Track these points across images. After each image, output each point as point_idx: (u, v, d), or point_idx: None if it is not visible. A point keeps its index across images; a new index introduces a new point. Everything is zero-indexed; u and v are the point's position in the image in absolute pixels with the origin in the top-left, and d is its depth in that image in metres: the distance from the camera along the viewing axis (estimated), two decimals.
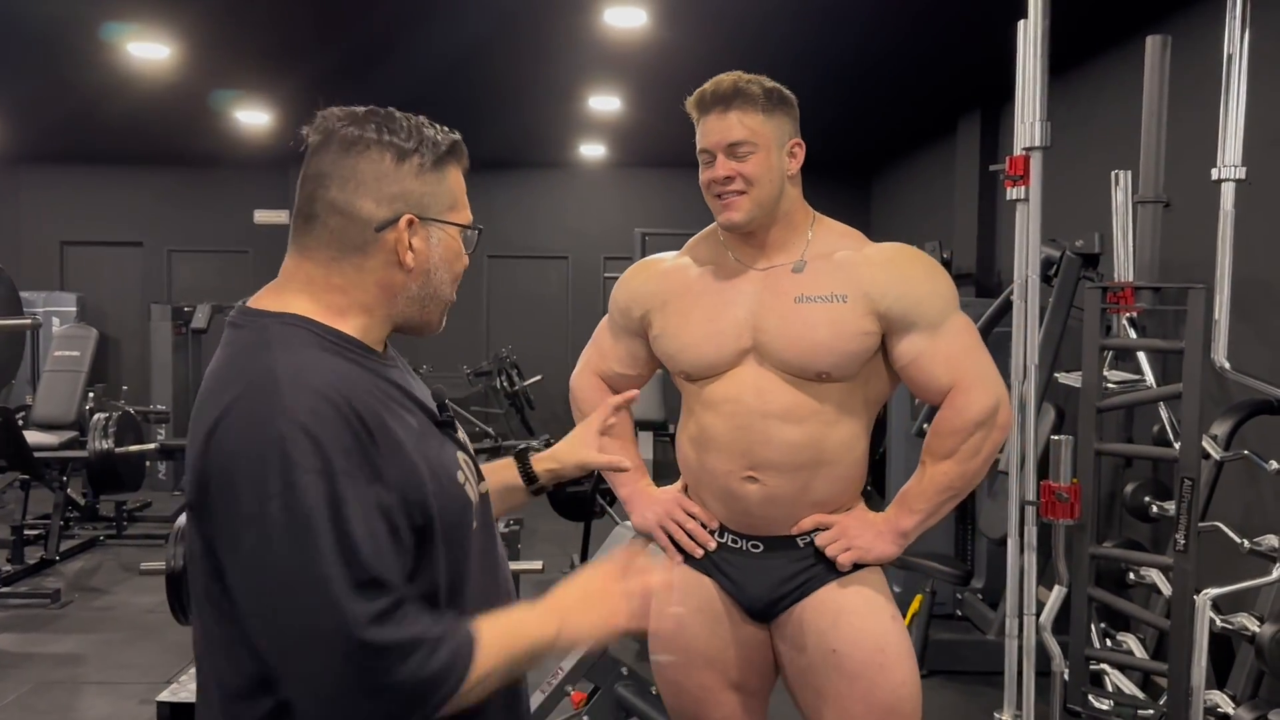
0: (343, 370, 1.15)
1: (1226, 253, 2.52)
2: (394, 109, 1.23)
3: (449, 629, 1.10)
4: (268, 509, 1.04)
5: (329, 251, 1.19)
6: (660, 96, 6.46)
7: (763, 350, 1.84)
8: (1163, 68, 2.88)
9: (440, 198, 1.23)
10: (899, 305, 1.80)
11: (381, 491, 1.10)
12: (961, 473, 1.84)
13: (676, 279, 1.95)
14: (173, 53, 5.47)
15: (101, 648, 4.51)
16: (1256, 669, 3.04)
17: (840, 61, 5.41)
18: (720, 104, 1.81)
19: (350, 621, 1.03)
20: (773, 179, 1.83)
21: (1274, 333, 3.48)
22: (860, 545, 1.84)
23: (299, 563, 1.03)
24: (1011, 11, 2.81)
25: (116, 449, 5.70)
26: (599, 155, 8.78)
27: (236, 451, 1.06)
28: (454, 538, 1.19)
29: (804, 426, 1.83)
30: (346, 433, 1.08)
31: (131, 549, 6.21)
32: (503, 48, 5.37)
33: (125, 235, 9.42)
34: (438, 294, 1.25)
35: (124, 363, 9.29)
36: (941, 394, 1.84)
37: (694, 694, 1.95)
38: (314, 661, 1.04)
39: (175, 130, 7.71)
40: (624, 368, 2.06)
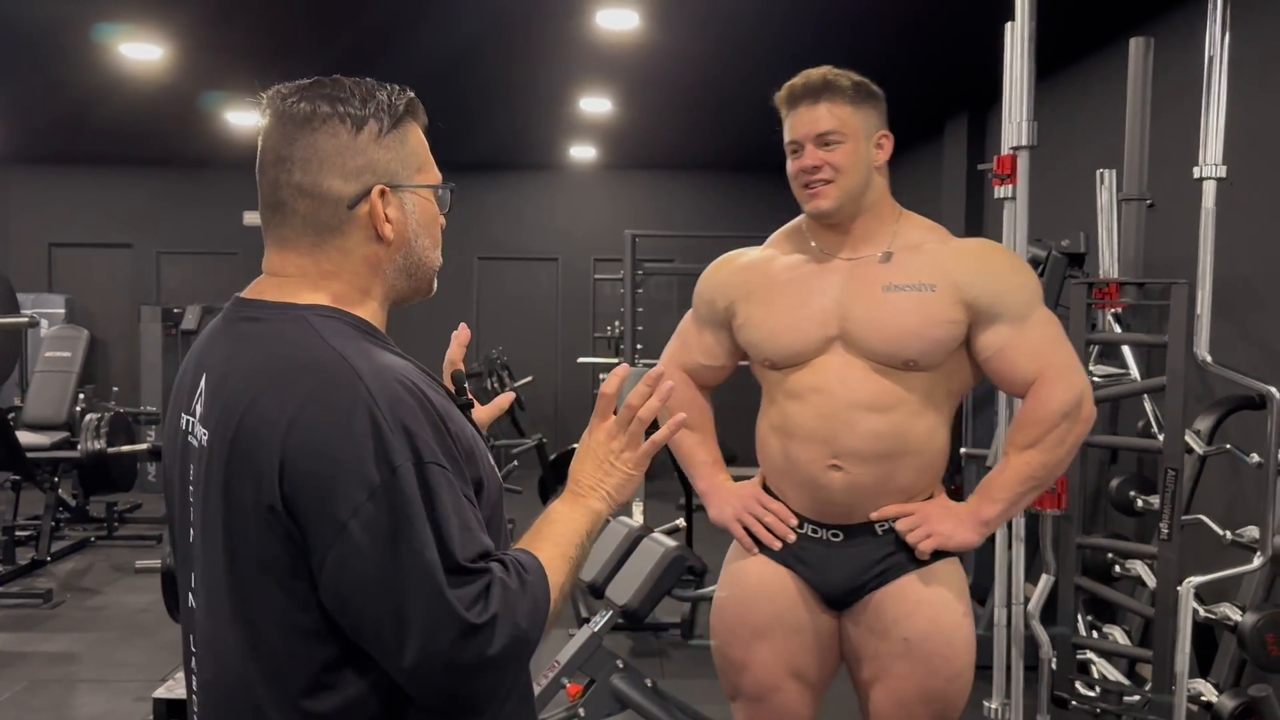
0: (398, 360, 1.13)
1: (1208, 249, 2.58)
2: (339, 76, 1.18)
3: (520, 577, 1.11)
4: (376, 496, 1.02)
5: (307, 238, 1.15)
6: (651, 98, 6.50)
7: (850, 338, 1.87)
8: (1146, 69, 2.94)
9: (406, 161, 1.17)
10: (986, 296, 1.84)
11: (460, 477, 1.09)
12: (1044, 462, 1.86)
13: (761, 270, 1.99)
14: (165, 53, 5.48)
15: (95, 646, 4.53)
16: (1238, 657, 3.10)
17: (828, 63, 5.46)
18: (810, 96, 1.86)
19: (456, 609, 1.03)
20: (860, 169, 1.87)
21: (1254, 328, 3.55)
22: (942, 532, 1.87)
23: (400, 551, 1.02)
24: (999, 15, 2.87)
25: (109, 449, 5.71)
26: (590, 157, 8.81)
27: (330, 439, 1.03)
28: (492, 520, 1.18)
29: (889, 416, 1.86)
30: (427, 421, 1.07)
31: (122, 550, 6.22)
32: (494, 50, 5.41)
33: (114, 237, 9.41)
34: (423, 261, 1.21)
35: (113, 365, 9.27)
36: (1025, 385, 1.87)
37: (757, 675, 1.98)
38: (422, 643, 1.03)
39: (165, 132, 7.71)
40: (708, 359, 2.09)
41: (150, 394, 8.07)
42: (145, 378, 8.22)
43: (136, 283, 9.43)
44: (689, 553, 3.21)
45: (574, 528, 1.22)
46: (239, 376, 1.10)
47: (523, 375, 8.65)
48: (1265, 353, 3.50)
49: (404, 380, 1.08)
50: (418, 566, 1.03)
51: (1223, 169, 2.53)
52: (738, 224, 9.01)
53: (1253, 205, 3.28)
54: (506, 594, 1.08)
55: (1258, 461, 3.08)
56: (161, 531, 6.38)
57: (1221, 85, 2.52)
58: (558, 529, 1.21)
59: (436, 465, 1.05)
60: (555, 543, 1.20)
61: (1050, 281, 3.93)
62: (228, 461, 1.08)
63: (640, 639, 4.66)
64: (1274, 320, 3.52)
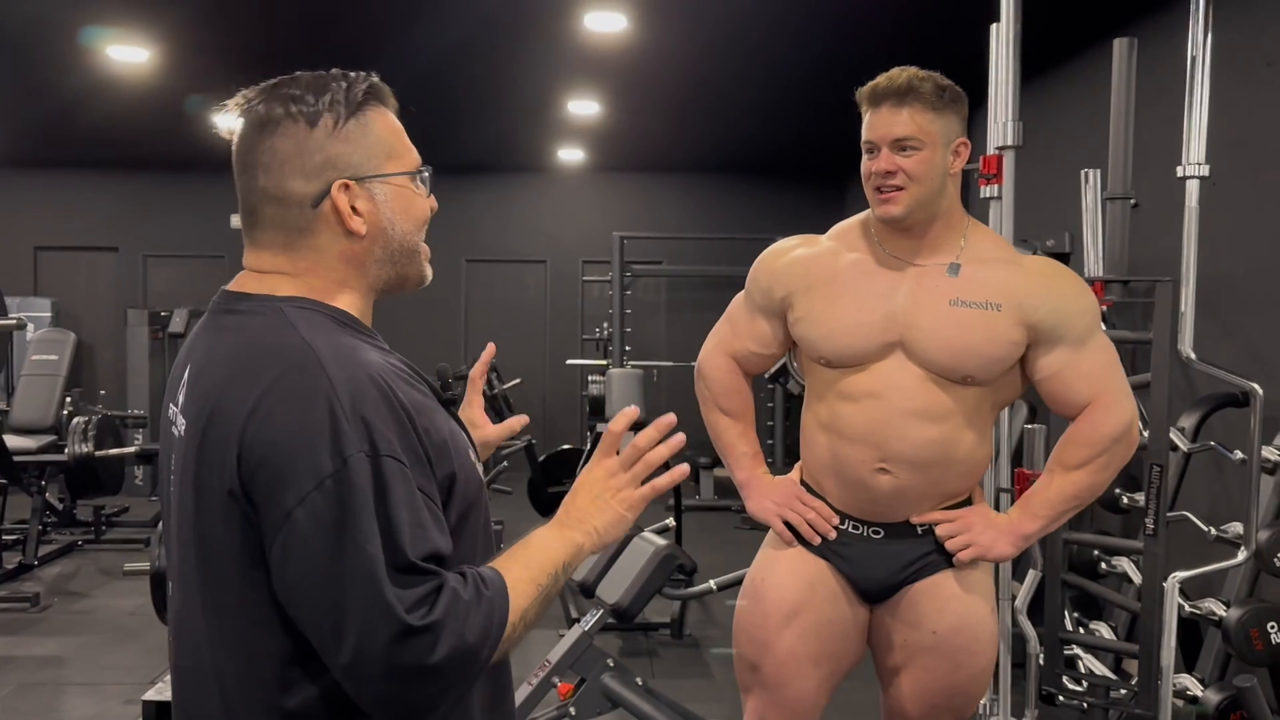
0: (369, 352, 1.12)
1: (1191, 248, 2.60)
2: (299, 71, 1.17)
3: (475, 590, 1.07)
4: (324, 487, 1.01)
5: (279, 239, 1.15)
6: (639, 101, 6.52)
7: (911, 347, 1.87)
8: (1129, 70, 2.97)
9: (371, 150, 1.15)
10: (1051, 319, 1.84)
11: (422, 475, 1.08)
12: (1091, 484, 1.90)
13: (824, 264, 1.96)
14: (152, 56, 5.47)
15: (83, 650, 4.51)
16: (1223, 652, 3.13)
17: (816, 65, 5.49)
18: (893, 98, 1.83)
19: (394, 607, 1.00)
20: (934, 177, 1.85)
21: (1236, 326, 3.59)
22: (982, 544, 1.89)
23: (344, 543, 1.01)
24: (984, 16, 2.89)
25: (96, 453, 5.69)
26: (577, 159, 8.82)
27: (286, 427, 1.03)
28: (469, 516, 1.18)
29: (940, 426, 1.87)
30: (390, 415, 1.06)
31: (110, 553, 6.20)
32: (482, 52, 5.41)
33: (100, 240, 9.37)
34: (406, 246, 1.20)
35: (99, 368, 9.23)
36: (1078, 408, 1.89)
37: (779, 656, 1.99)
38: (358, 641, 1.01)
39: (152, 134, 7.69)
40: (759, 347, 2.07)
41: (137, 397, 8.05)
42: (132, 381, 8.19)
43: (123, 286, 9.40)
44: (679, 551, 3.22)
45: (551, 556, 1.18)
46: (214, 365, 1.12)
47: (511, 377, 8.64)
48: (1247, 350, 3.54)
49: (371, 372, 1.07)
50: (359, 560, 1.01)
51: (1206, 168, 2.56)
52: (725, 226, 9.05)
53: (1235, 204, 3.32)
54: (456, 603, 1.05)
55: (1241, 458, 3.11)
56: (149, 534, 6.35)
57: (1204, 85, 2.55)
58: (533, 554, 1.18)
59: (393, 459, 1.04)
60: (527, 566, 1.16)
61: None
62: (199, 448, 1.09)
63: (630, 638, 4.68)
64: (1256, 318, 3.56)
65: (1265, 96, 3.50)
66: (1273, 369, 3.36)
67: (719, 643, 4.66)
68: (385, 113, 1.19)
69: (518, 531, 1.44)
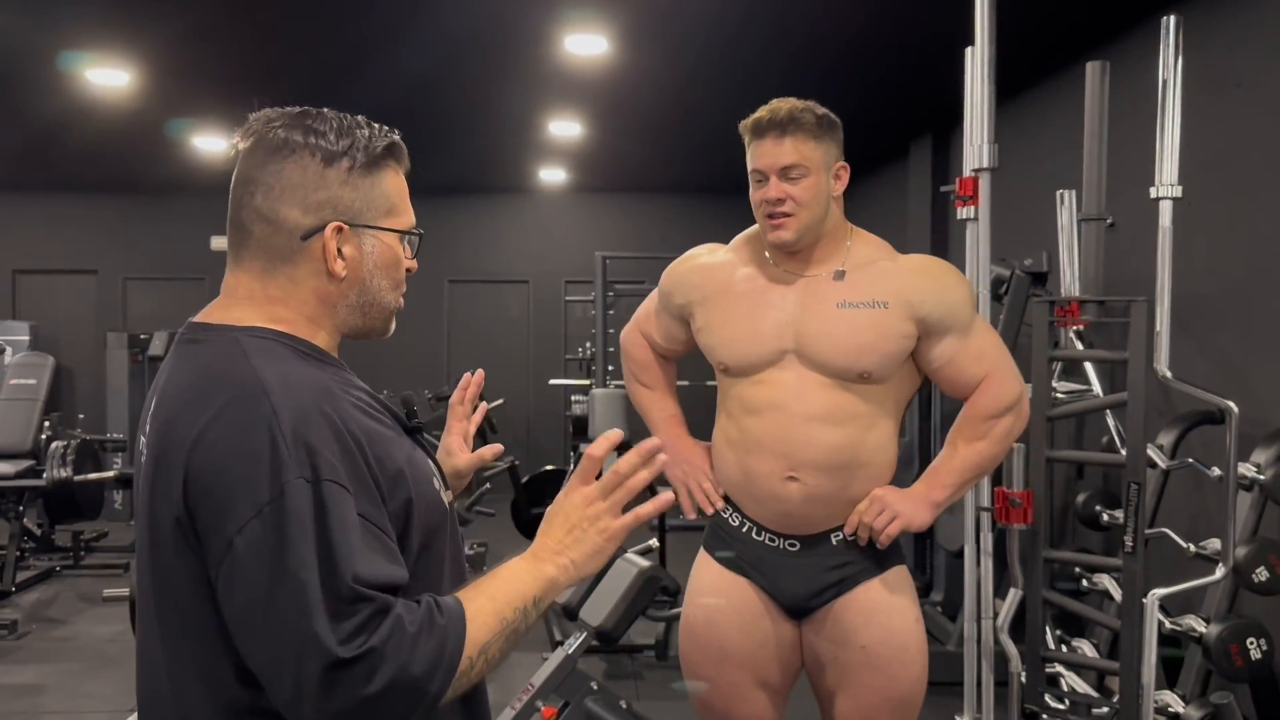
0: (323, 380, 1.13)
1: (1166, 267, 2.63)
2: (328, 109, 1.19)
3: (428, 619, 1.05)
4: (262, 514, 1.01)
5: (259, 262, 1.16)
6: (621, 122, 6.55)
7: (804, 352, 1.96)
8: (1102, 92, 3.01)
9: (374, 202, 1.18)
10: (938, 311, 1.94)
11: (370, 502, 1.07)
12: (993, 454, 2.00)
13: (720, 276, 2.07)
14: (132, 79, 5.46)
15: (61, 678, 4.46)
16: (1204, 668, 3.14)
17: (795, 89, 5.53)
18: (776, 129, 1.93)
19: (323, 638, 0.98)
20: (820, 201, 1.95)
21: (1210, 344, 3.62)
22: (903, 513, 1.94)
23: (280, 571, 1.00)
24: (959, 39, 2.93)
25: (75, 477, 5.64)
26: (560, 180, 8.84)
27: (228, 455, 1.04)
28: (432, 544, 1.17)
29: (844, 428, 1.95)
30: (335, 442, 1.06)
31: (89, 579, 6.14)
32: (464, 75, 5.43)
33: (79, 263, 9.32)
34: (377, 301, 1.21)
35: (78, 392, 9.16)
36: (972, 388, 1.99)
37: (724, 690, 2.06)
38: (294, 675, 0.99)
39: (132, 157, 7.67)
40: (664, 341, 2.22)
41: (117, 421, 7.99)
42: (112, 404, 8.13)
43: (102, 309, 9.34)
44: (663, 572, 3.20)
45: (519, 589, 1.14)
46: (170, 394, 1.13)
47: (494, 398, 8.63)
48: (1222, 368, 3.57)
49: (318, 400, 1.08)
50: (293, 589, 0.99)
51: (1179, 189, 2.59)
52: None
53: (1208, 223, 3.35)
54: (399, 631, 1.02)
55: (1219, 475, 3.14)
56: (128, 560, 6.30)
57: (1176, 107, 2.59)
58: (501, 585, 1.14)
59: (334, 484, 1.03)
60: (492, 597, 1.12)
61: (1015, 300, 3.99)
62: (152, 476, 1.10)
63: (615, 660, 4.66)
64: (1230, 336, 3.60)
65: (1235, 117, 3.55)
66: (1246, 386, 3.39)
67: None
68: (397, 171, 1.23)
69: (501, 554, 1.44)
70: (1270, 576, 2.96)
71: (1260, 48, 3.48)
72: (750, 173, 1.99)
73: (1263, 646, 2.89)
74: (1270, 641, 2.90)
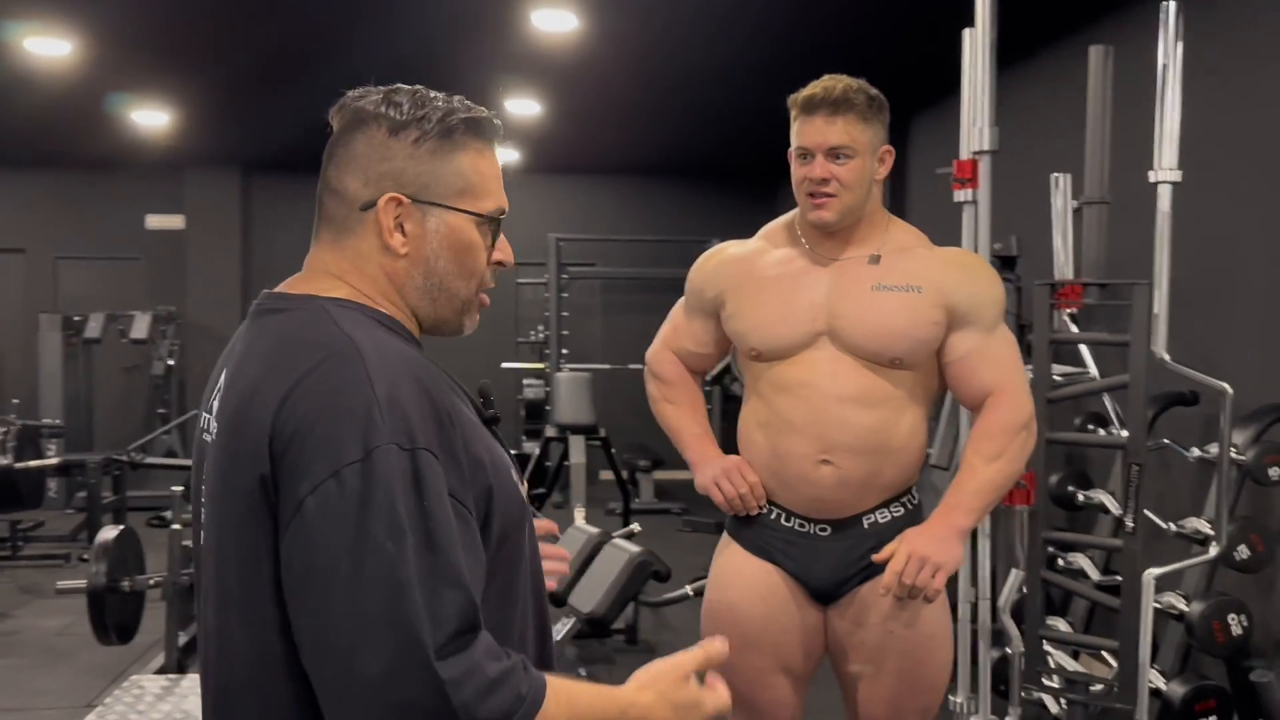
0: (412, 352, 1.10)
1: (1164, 251, 2.66)
2: (422, 86, 1.16)
3: (512, 669, 0.98)
4: (342, 475, 0.94)
5: (329, 233, 1.14)
6: (583, 102, 6.46)
7: (838, 335, 1.93)
8: (1105, 76, 3.03)
9: (445, 178, 1.12)
10: (966, 302, 1.92)
11: (459, 481, 1.02)
12: (1011, 473, 1.96)
13: (750, 263, 2.04)
14: (74, 49, 5.23)
15: (9, 674, 4.28)
16: (1184, 645, 3.21)
17: (764, 68, 5.50)
18: (828, 108, 1.88)
19: (425, 638, 0.92)
20: (864, 184, 1.92)
21: (1202, 327, 3.68)
22: (945, 562, 1.87)
23: (369, 544, 0.93)
24: (955, 20, 2.91)
25: (16, 464, 5.42)
26: (513, 160, 8.72)
27: (317, 412, 0.98)
28: (513, 539, 1.12)
29: (876, 412, 1.92)
30: (431, 412, 1.01)
31: (30, 570, 5.89)
32: (429, 51, 5.29)
33: (6, 241, 8.94)
34: (445, 287, 1.15)
35: (8, 375, 8.80)
36: (981, 394, 1.96)
37: (747, 675, 2.00)
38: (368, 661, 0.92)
39: (65, 131, 7.36)
40: (696, 346, 2.15)
41: (50, 406, 7.69)
42: (44, 389, 7.82)
43: (32, 289, 8.97)
44: (654, 558, 3.19)
45: (597, 705, 1.07)
46: (252, 362, 1.08)
47: None
48: (1213, 350, 3.64)
49: (413, 368, 1.04)
50: (378, 562, 0.93)
51: (1178, 173, 2.62)
52: (662, 228, 9.04)
53: (1200, 208, 3.41)
54: (481, 667, 0.95)
55: (1198, 456, 3.20)
56: (69, 550, 6.09)
57: (1175, 90, 2.61)
58: (588, 694, 1.07)
59: (429, 454, 0.98)
60: (575, 695, 1.04)
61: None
62: (228, 447, 1.05)
63: (585, 645, 4.62)
64: (1222, 320, 3.67)
65: (1230, 102, 3.60)
66: (1224, 368, 3.46)
67: (673, 647, 4.63)
68: (482, 152, 1.16)
69: None
70: (1252, 554, 3.04)
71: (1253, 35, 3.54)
72: (794, 149, 1.95)
73: (1243, 622, 2.96)
74: (1250, 617, 2.97)
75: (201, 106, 6.60)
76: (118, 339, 7.92)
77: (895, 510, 2.00)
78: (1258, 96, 3.51)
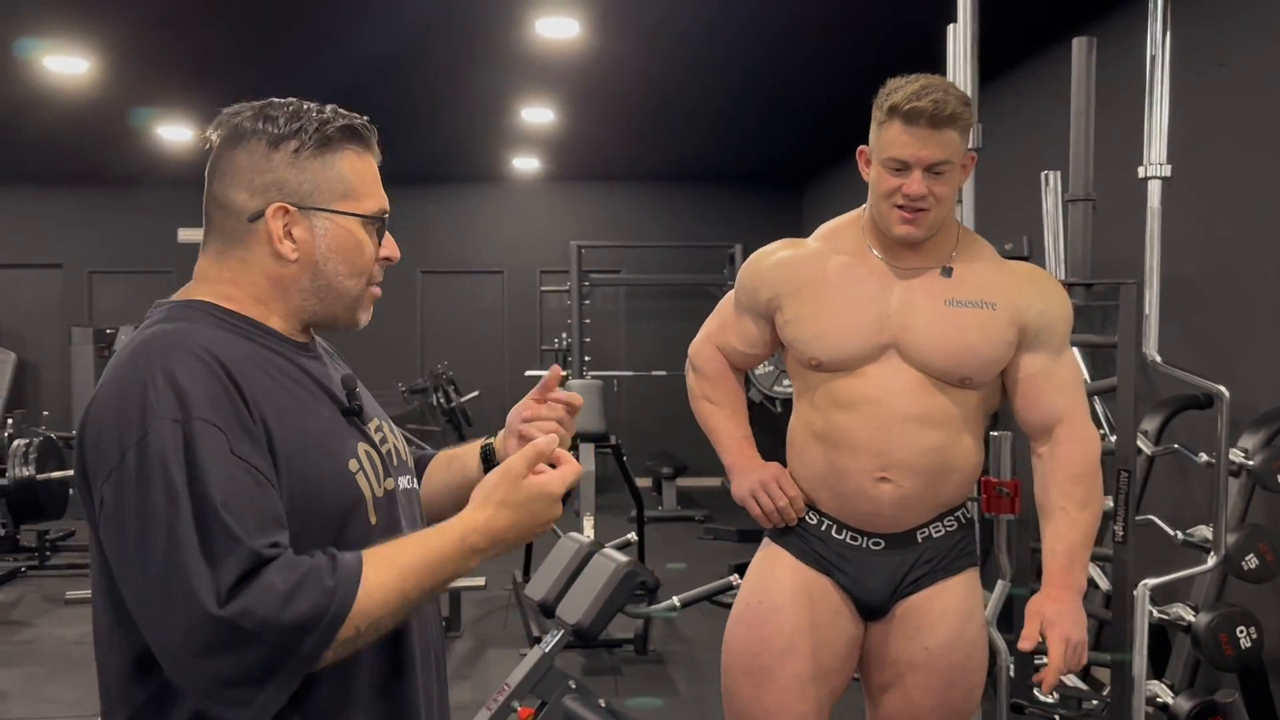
0: (231, 343, 1.13)
1: (1155, 249, 2.57)
2: (295, 99, 1.21)
3: (313, 576, 1.03)
4: (125, 459, 1.02)
5: (217, 245, 1.20)
6: (594, 109, 6.45)
7: (906, 349, 1.84)
8: (1089, 70, 2.94)
9: (327, 184, 1.18)
10: (1039, 321, 1.84)
11: (253, 449, 1.06)
12: (1099, 514, 1.90)
13: (812, 266, 1.93)
14: (91, 66, 5.32)
15: (26, 683, 4.33)
16: (1192, 658, 3.09)
17: (772, 71, 5.45)
18: (933, 122, 1.73)
19: (198, 590, 0.98)
20: (955, 196, 1.84)
21: (1196, 327, 3.58)
22: (1084, 636, 1.82)
23: (149, 514, 1.00)
24: (941, 17, 2.85)
25: (38, 476, 5.50)
26: (533, 168, 8.74)
27: (104, 411, 1.06)
28: (338, 530, 1.14)
29: (941, 432, 1.85)
30: (214, 385, 1.06)
31: (55, 579, 5.99)
32: (433, 61, 5.32)
33: (43, 257, 9.14)
34: (334, 286, 1.20)
35: (43, 388, 8.98)
36: (1046, 419, 1.88)
37: (784, 682, 1.94)
38: (165, 623, 1.01)
39: (95, 147, 7.50)
40: (745, 345, 2.06)
41: None
42: (78, 400, 7.97)
43: (67, 303, 9.16)
44: (641, 568, 3.13)
45: (432, 564, 1.10)
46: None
47: (469, 390, 8.53)
48: (1208, 351, 3.53)
49: (200, 353, 1.08)
50: (161, 534, 1.00)
51: (1167, 168, 2.53)
52: (683, 234, 9.00)
53: (1190, 204, 3.30)
54: (271, 585, 1.00)
55: (1207, 461, 3.09)
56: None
57: (1164, 84, 2.52)
58: (412, 556, 1.10)
59: (207, 423, 1.03)
60: (400, 570, 1.08)
61: None
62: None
63: (593, 656, 4.58)
64: (1216, 319, 3.55)
65: (1220, 96, 3.50)
66: (1230, 371, 3.34)
67: (684, 657, 4.59)
68: (360, 155, 1.22)
69: None
70: (1260, 564, 2.92)
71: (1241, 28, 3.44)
72: (885, 159, 1.79)
73: (1252, 635, 2.85)
74: (1260, 630, 2.86)
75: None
76: None
77: (949, 524, 1.93)
78: (1250, 88, 3.40)
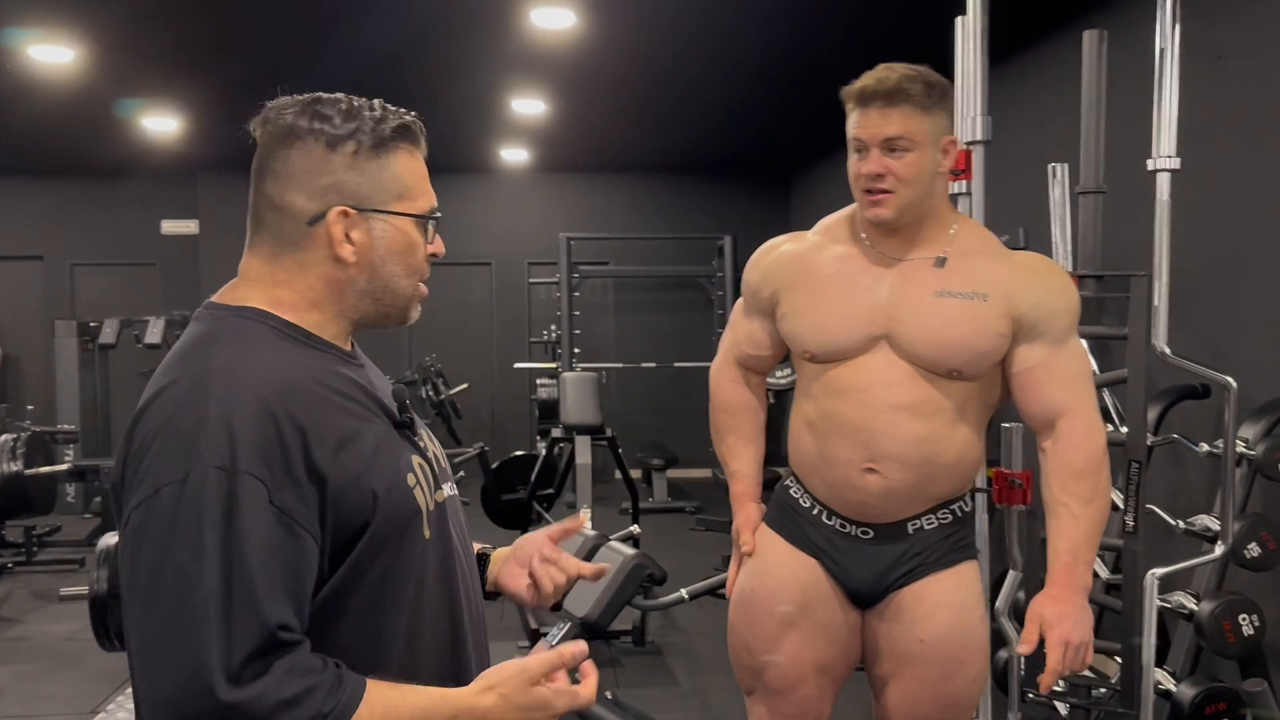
0: (291, 363, 1.12)
1: (1164, 241, 2.58)
2: (342, 93, 1.20)
3: (316, 687, 1.00)
4: (160, 494, 1.00)
5: (269, 247, 1.18)
6: (586, 100, 6.42)
7: (896, 340, 1.84)
8: (1100, 62, 2.95)
9: (383, 185, 1.17)
10: (1035, 312, 1.82)
11: (291, 495, 1.03)
12: (1106, 509, 1.87)
13: (808, 259, 1.95)
14: (77, 56, 5.25)
15: (18, 680, 4.29)
16: (1194, 645, 3.12)
17: (766, 62, 5.44)
18: (882, 99, 1.78)
19: (209, 665, 0.95)
20: (923, 178, 1.82)
21: (1203, 319, 3.60)
22: (1089, 635, 1.80)
23: (167, 565, 0.98)
24: (944, 8, 2.85)
25: (26, 471, 5.44)
26: (522, 159, 8.70)
27: (153, 434, 1.04)
28: (397, 547, 1.13)
29: (929, 423, 1.84)
30: (269, 430, 1.03)
31: (43, 575, 5.93)
32: (426, 51, 5.28)
33: (24, 249, 9.02)
34: (390, 287, 1.20)
35: (26, 381, 8.88)
36: (1048, 412, 1.85)
37: (783, 667, 1.97)
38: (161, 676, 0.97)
39: (77, 138, 7.41)
40: (755, 348, 2.06)
41: (67, 411, 7.74)
42: (61, 394, 7.87)
43: (49, 296, 9.06)
44: (649, 560, 3.13)
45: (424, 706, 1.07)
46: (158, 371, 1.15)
47: (458, 382, 8.50)
48: (1208, 342, 3.55)
49: (262, 390, 1.05)
50: (182, 581, 0.97)
51: (1176, 161, 2.54)
52: (672, 226, 8.99)
53: (1197, 196, 3.32)
54: (291, 676, 0.98)
55: (1208, 451, 3.11)
56: (84, 555, 6.11)
57: (1173, 76, 2.53)
58: (415, 696, 1.08)
59: (251, 477, 1.01)
60: (398, 702, 1.06)
61: None
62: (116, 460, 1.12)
63: (592, 648, 4.57)
64: (1222, 311, 3.57)
65: (1226, 88, 3.51)
66: (1231, 361, 3.37)
67: (682, 648, 4.59)
68: (412, 154, 1.21)
69: (474, 539, 1.37)
70: (1263, 552, 2.95)
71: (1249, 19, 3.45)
72: (850, 140, 1.83)
73: (1255, 622, 2.88)
74: (1263, 617, 2.89)
75: (212, 111, 6.61)
76: (132, 344, 7.96)
77: (943, 516, 1.93)
78: (1257, 80, 3.42)
